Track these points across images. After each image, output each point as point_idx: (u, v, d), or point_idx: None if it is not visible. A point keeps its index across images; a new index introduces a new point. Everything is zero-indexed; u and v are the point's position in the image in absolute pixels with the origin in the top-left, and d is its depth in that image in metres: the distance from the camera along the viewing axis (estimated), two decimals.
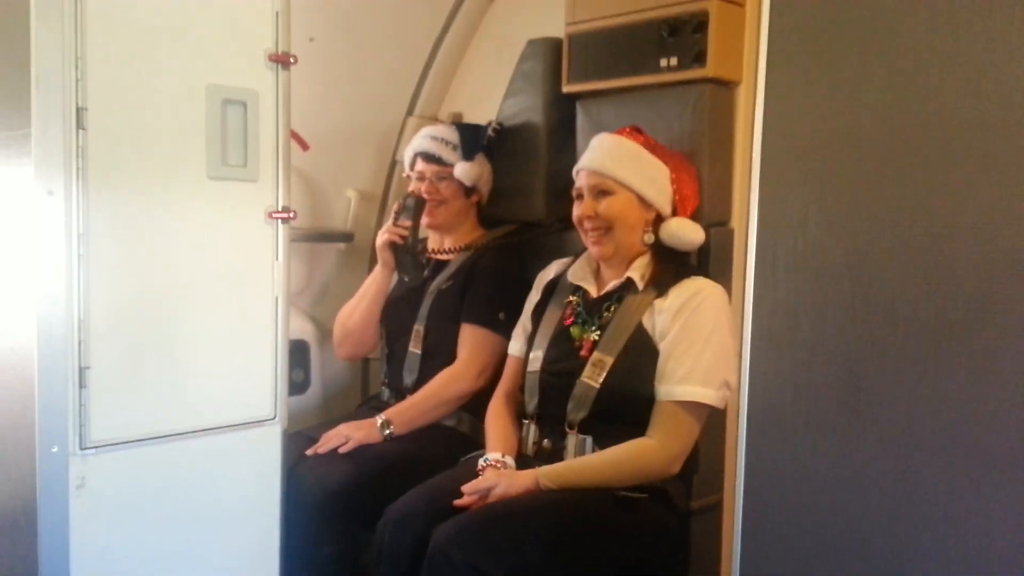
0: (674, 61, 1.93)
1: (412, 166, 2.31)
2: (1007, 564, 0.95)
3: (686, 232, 1.81)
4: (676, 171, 1.83)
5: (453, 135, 2.29)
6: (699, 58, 1.88)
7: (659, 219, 1.84)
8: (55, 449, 1.44)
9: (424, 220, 2.25)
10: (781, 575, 1.09)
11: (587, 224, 1.83)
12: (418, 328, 2.23)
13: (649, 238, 1.83)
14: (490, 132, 2.30)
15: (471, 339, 2.15)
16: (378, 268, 2.31)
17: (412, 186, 2.30)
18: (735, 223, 1.93)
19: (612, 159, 1.83)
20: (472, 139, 2.29)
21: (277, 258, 1.65)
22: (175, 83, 1.53)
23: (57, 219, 1.41)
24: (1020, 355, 0.93)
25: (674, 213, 1.84)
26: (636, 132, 1.86)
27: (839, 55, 1.07)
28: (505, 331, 2.08)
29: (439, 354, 2.19)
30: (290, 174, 1.66)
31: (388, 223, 2.26)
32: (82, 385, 1.45)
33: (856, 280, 1.01)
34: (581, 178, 1.86)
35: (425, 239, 2.36)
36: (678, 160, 1.86)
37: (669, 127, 1.93)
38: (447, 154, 2.26)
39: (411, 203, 2.22)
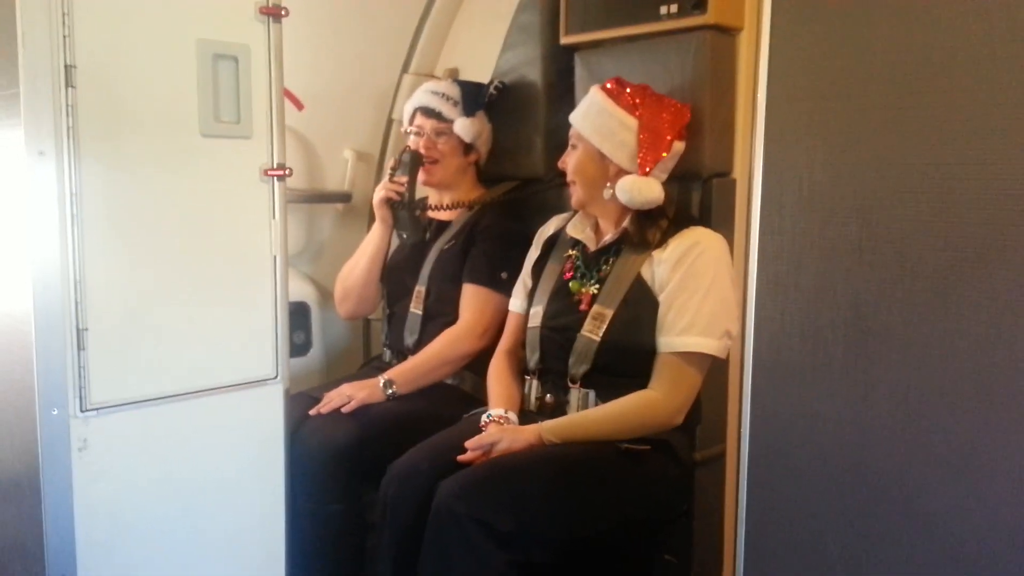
0: (674, 8, 1.90)
1: (411, 121, 2.28)
2: (1015, 510, 0.94)
3: (636, 191, 1.74)
4: (649, 126, 1.77)
5: (454, 91, 2.26)
6: (700, 5, 1.84)
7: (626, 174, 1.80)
8: (55, 412, 1.43)
9: (421, 177, 2.22)
10: (788, 522, 1.09)
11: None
12: (419, 289, 2.22)
13: (608, 193, 1.80)
14: (492, 90, 2.26)
15: (473, 299, 2.14)
16: (376, 225, 2.29)
17: (410, 142, 2.26)
18: (737, 173, 1.90)
19: (580, 113, 1.84)
20: (474, 95, 2.26)
21: (274, 216, 1.63)
22: (165, 38, 1.49)
23: (49, 179, 1.39)
24: None
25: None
26: (617, 83, 1.82)
27: None
28: (507, 290, 2.07)
29: (440, 315, 2.18)
30: (284, 131, 1.63)
31: (384, 179, 2.23)
32: (80, 347, 1.44)
33: (863, 223, 1.00)
34: None
35: (425, 198, 2.34)
36: (661, 111, 1.79)
37: (670, 77, 1.89)
38: (447, 109, 2.23)
39: (407, 158, 2.20)
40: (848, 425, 1.02)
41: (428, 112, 2.24)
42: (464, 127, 2.22)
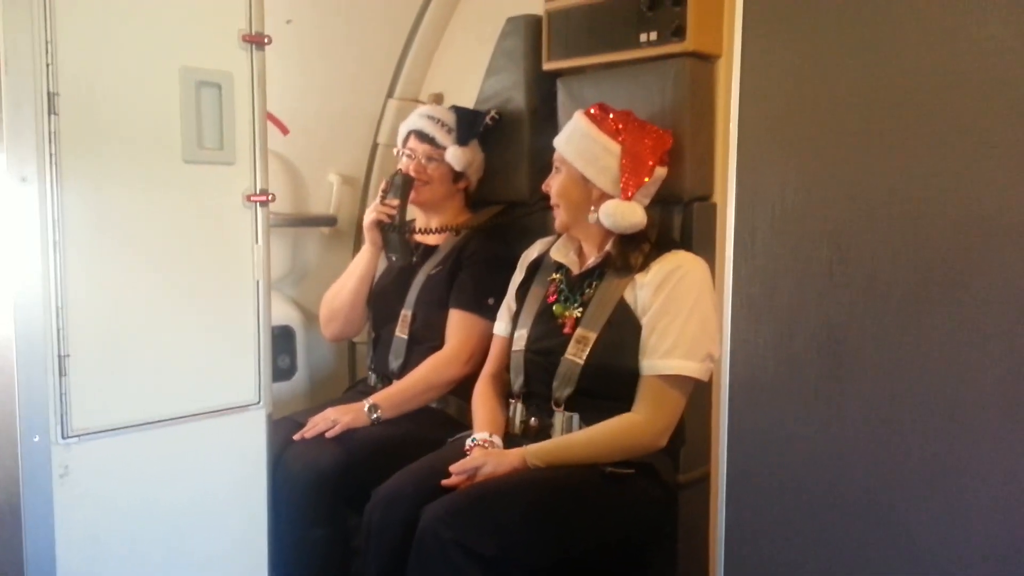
0: (654, 36, 1.92)
1: (404, 143, 2.29)
2: (988, 525, 0.95)
3: (619, 215, 1.76)
4: (632, 151, 1.79)
5: (450, 117, 2.27)
6: (679, 32, 1.87)
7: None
8: (37, 439, 1.43)
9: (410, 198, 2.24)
10: (767, 541, 1.10)
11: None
12: (405, 313, 2.22)
13: (593, 217, 1.82)
14: (488, 120, 2.27)
15: (459, 325, 2.14)
16: (365, 247, 2.29)
17: (401, 164, 2.28)
18: (718, 197, 1.93)
19: (564, 137, 1.86)
20: (469, 124, 2.27)
21: (257, 241, 1.63)
22: (148, 66, 1.51)
23: (31, 206, 1.40)
24: (1000, 317, 0.93)
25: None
26: (601, 109, 1.85)
27: (814, 25, 1.06)
28: (493, 316, 2.07)
29: (425, 339, 2.18)
30: (267, 156, 1.64)
31: (375, 202, 2.24)
32: (62, 373, 1.44)
33: (835, 247, 1.01)
34: None
35: (412, 221, 2.35)
36: (643, 137, 1.82)
37: (650, 102, 1.92)
38: (441, 136, 2.24)
39: (399, 181, 2.20)
40: (822, 445, 1.03)
41: (422, 136, 2.25)
42: (456, 156, 2.23)
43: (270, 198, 1.63)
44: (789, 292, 1.04)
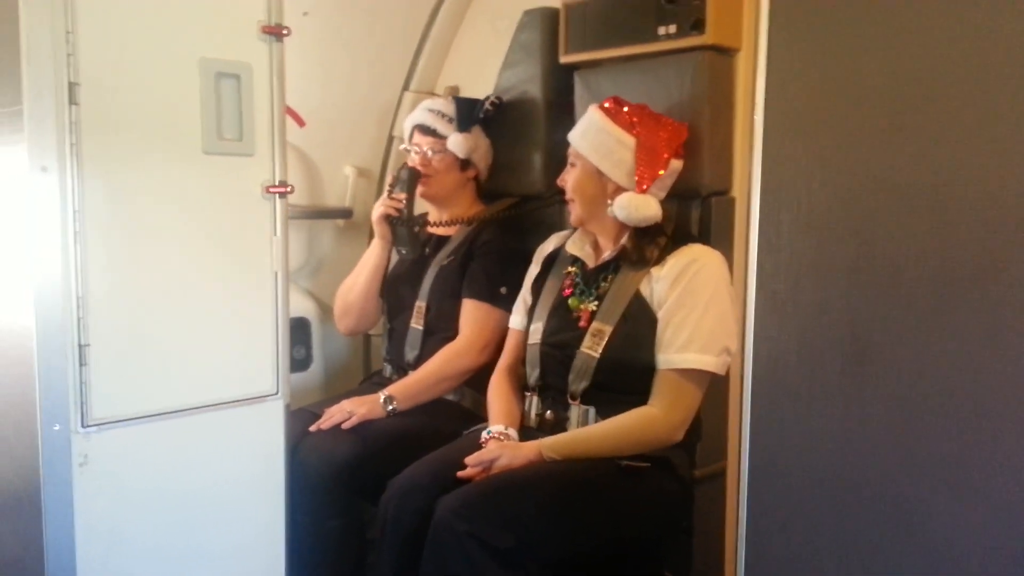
0: (673, 29, 1.91)
1: (410, 138, 2.30)
2: (1013, 521, 0.95)
3: (634, 208, 1.76)
4: (647, 144, 1.78)
5: (450, 108, 2.27)
6: (698, 25, 1.86)
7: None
8: (57, 427, 1.43)
9: (419, 191, 2.24)
10: (787, 539, 1.09)
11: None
12: (420, 304, 2.23)
13: (609, 211, 1.81)
14: (487, 106, 2.27)
15: (473, 314, 2.15)
16: (375, 241, 2.31)
17: (409, 159, 2.28)
18: (736, 191, 1.92)
19: (579, 131, 1.86)
20: (468, 112, 2.27)
21: (275, 233, 1.64)
22: (167, 56, 1.51)
23: (52, 196, 1.40)
24: None
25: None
26: (615, 102, 1.84)
27: (839, 18, 1.06)
28: (506, 306, 2.07)
29: (440, 330, 2.18)
30: (286, 148, 1.64)
31: (383, 196, 2.25)
32: (82, 363, 1.44)
33: (860, 241, 1.00)
34: None
35: (425, 214, 2.35)
36: (658, 129, 1.81)
37: (668, 96, 1.91)
38: (442, 126, 2.25)
39: (405, 175, 2.22)
40: (845, 442, 1.02)
41: (424, 129, 2.26)
42: (457, 143, 2.23)
43: (289, 190, 1.64)
44: (813, 288, 1.04)
